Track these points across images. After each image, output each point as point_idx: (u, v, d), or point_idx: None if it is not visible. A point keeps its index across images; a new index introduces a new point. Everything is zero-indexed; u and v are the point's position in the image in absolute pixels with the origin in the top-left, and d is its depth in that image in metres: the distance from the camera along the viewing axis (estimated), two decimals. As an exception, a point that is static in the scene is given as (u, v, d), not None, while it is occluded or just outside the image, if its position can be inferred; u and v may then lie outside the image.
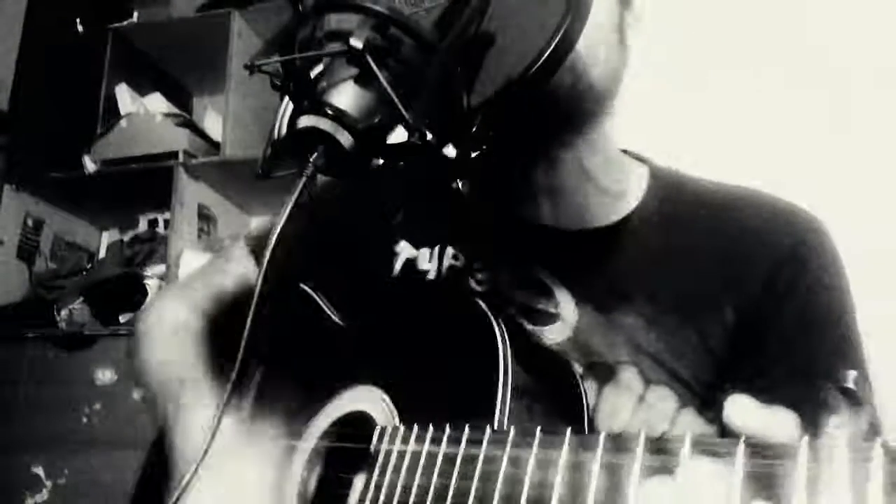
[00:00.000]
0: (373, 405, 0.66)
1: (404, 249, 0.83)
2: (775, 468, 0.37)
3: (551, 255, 0.77)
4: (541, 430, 0.48)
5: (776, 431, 0.39)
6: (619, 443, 0.43)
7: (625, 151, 0.83)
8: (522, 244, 0.79)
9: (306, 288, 0.85)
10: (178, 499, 0.47)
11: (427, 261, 0.81)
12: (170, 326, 0.90)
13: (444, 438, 0.54)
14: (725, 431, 0.41)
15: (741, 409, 0.41)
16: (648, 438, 0.43)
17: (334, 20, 0.52)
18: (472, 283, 0.78)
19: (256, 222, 2.59)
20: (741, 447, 0.38)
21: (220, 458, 0.53)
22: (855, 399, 0.61)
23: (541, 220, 0.79)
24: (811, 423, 0.39)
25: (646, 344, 0.71)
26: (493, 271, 0.78)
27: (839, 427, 0.37)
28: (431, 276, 0.80)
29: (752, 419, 0.40)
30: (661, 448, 0.42)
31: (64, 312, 2.19)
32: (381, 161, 0.56)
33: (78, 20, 2.53)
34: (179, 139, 2.29)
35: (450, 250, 0.80)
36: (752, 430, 0.40)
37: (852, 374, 0.65)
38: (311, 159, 0.51)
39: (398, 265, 0.82)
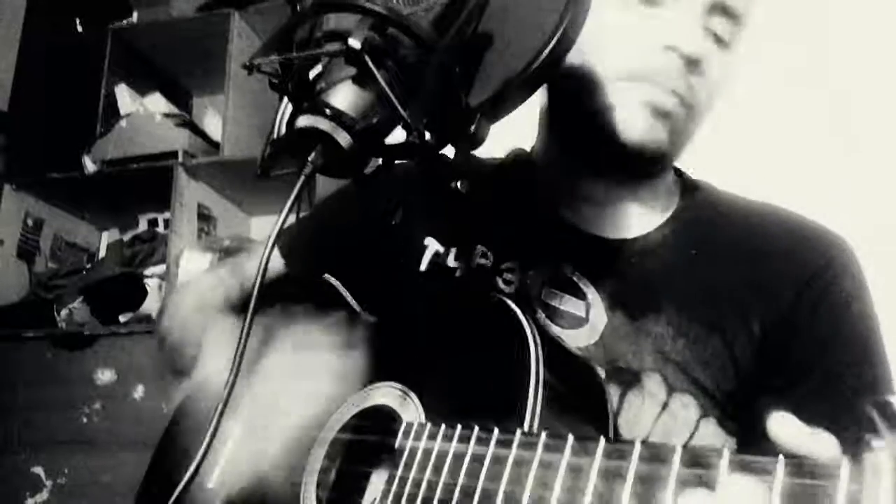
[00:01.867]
0: (398, 400, 0.66)
1: (433, 244, 0.83)
2: (815, 488, 0.36)
3: (586, 259, 0.78)
4: (573, 436, 0.47)
5: (818, 452, 0.39)
6: (654, 453, 0.43)
7: None
8: (558, 246, 0.79)
9: (330, 278, 0.85)
10: (192, 476, 0.47)
11: (454, 258, 0.81)
12: (197, 297, 0.94)
13: (473, 438, 0.54)
14: (747, 441, 0.41)
15: (785, 426, 0.41)
16: (685, 450, 0.42)
17: (333, 20, 0.52)
18: (500, 283, 0.79)
19: (256, 222, 2.60)
20: (781, 465, 0.38)
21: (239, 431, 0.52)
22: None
23: (578, 225, 0.80)
24: (848, 441, 0.38)
25: (672, 352, 0.72)
26: (524, 272, 0.78)
27: (881, 448, 0.36)
28: (459, 273, 0.80)
29: (795, 437, 0.40)
30: (697, 461, 0.41)
31: (64, 312, 2.19)
32: (379, 161, 0.56)
33: (77, 20, 2.53)
34: (179, 139, 2.29)
35: (479, 248, 0.81)
36: (794, 448, 0.39)
37: (893, 396, 0.65)
38: (309, 159, 0.51)
39: (426, 260, 0.83)
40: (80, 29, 2.54)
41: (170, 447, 0.85)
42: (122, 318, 2.18)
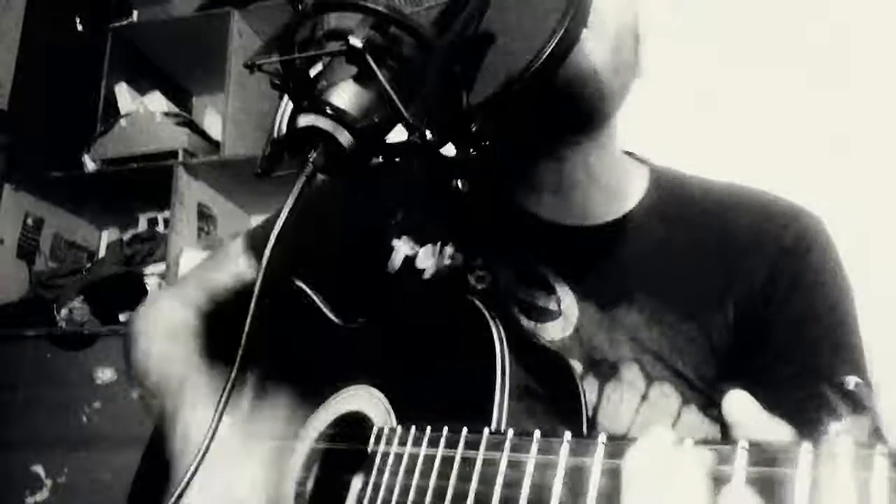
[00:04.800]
0: (370, 405, 0.65)
1: (402, 246, 0.83)
2: (777, 473, 0.36)
3: (553, 252, 0.77)
4: (540, 433, 0.48)
5: (772, 435, 0.39)
6: (618, 447, 0.43)
7: (626, 153, 0.83)
8: (525, 240, 0.78)
9: (301, 284, 0.84)
10: (177, 498, 0.47)
11: (427, 258, 0.81)
12: (166, 324, 0.90)
13: (442, 440, 0.54)
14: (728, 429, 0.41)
15: (740, 404, 0.41)
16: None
17: (334, 19, 0.52)
18: (472, 281, 0.78)
19: (256, 221, 2.59)
20: (741, 450, 0.38)
21: (215, 461, 0.52)
22: (857, 403, 0.60)
23: (544, 216, 0.79)
24: (811, 425, 0.38)
25: (648, 341, 0.71)
26: (494, 268, 0.78)
27: (841, 433, 0.36)
28: (429, 273, 0.80)
29: (750, 416, 0.40)
30: None
31: (64, 311, 2.19)
32: (380, 160, 0.56)
33: (78, 19, 2.53)
34: (179, 138, 2.29)
35: (448, 248, 0.80)
36: (748, 428, 0.40)
37: (853, 378, 0.65)
38: (310, 158, 0.51)
39: (397, 262, 0.82)
40: (80, 28, 2.54)
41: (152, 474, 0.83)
42: (121, 318, 2.18)
